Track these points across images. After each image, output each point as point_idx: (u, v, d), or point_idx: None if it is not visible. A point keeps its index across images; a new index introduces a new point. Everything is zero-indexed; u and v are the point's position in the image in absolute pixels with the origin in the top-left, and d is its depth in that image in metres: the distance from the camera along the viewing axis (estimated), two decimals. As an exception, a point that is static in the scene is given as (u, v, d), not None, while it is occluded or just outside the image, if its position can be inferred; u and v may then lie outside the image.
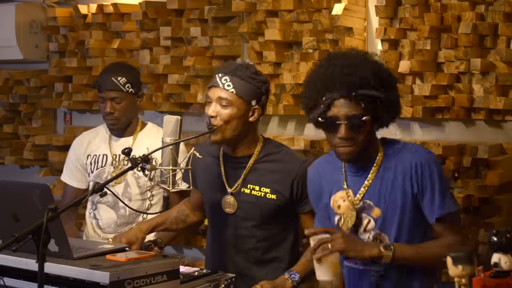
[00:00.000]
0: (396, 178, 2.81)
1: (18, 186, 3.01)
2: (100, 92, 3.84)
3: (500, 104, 3.58)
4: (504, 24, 3.59)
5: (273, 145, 3.30)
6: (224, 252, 3.31)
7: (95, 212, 3.97)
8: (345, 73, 2.73)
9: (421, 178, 2.78)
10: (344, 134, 2.74)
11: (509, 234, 2.19)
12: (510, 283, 2.16)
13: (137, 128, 3.97)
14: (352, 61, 2.78)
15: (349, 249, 2.70)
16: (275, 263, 3.28)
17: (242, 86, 3.14)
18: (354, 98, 2.72)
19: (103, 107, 3.86)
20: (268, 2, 4.19)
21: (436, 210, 2.78)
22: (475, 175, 3.66)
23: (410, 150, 2.84)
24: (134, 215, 3.87)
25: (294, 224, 3.34)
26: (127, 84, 3.83)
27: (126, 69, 3.94)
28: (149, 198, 3.91)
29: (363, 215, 2.86)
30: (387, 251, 2.72)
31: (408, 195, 2.80)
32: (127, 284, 2.62)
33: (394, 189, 2.81)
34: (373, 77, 2.73)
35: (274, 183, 3.21)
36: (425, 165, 2.78)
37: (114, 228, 3.90)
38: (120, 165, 3.90)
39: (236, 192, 3.25)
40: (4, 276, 2.83)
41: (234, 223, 3.27)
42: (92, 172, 3.95)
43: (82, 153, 4.00)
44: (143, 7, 4.75)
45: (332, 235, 2.70)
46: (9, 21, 5.27)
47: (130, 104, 3.88)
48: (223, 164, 3.30)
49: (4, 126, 5.57)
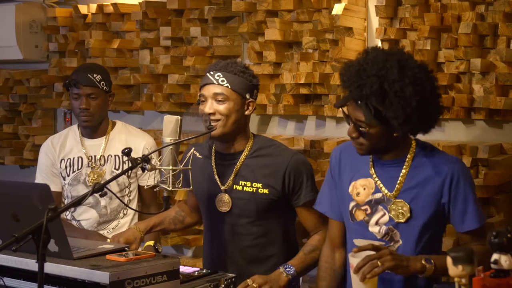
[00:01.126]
0: (427, 180, 2.81)
1: (18, 186, 3.01)
2: (76, 88, 3.89)
3: (500, 104, 3.58)
4: (504, 24, 3.59)
5: (263, 140, 3.31)
6: (221, 251, 3.31)
7: (74, 214, 3.99)
8: (357, 81, 2.72)
9: (455, 189, 2.79)
10: (350, 133, 2.80)
11: (509, 234, 2.19)
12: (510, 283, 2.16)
13: (108, 127, 4.02)
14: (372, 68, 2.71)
15: (398, 266, 2.64)
16: (273, 259, 3.27)
17: (236, 80, 3.16)
18: (359, 105, 2.74)
19: (78, 104, 3.91)
20: (268, 2, 4.19)
21: (470, 222, 2.80)
22: (475, 175, 3.66)
23: (448, 159, 2.84)
24: (115, 212, 3.96)
25: (290, 219, 3.34)
26: (102, 82, 3.93)
27: (99, 68, 4.06)
28: (128, 195, 3.96)
29: (379, 207, 2.87)
30: (429, 264, 2.69)
31: (433, 201, 2.81)
32: (127, 284, 2.62)
33: (422, 190, 2.81)
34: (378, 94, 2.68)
35: (265, 177, 3.21)
36: (461, 179, 2.79)
37: (96, 227, 3.96)
38: (96, 165, 3.95)
39: (229, 189, 3.25)
40: (4, 276, 2.83)
41: (229, 221, 3.27)
42: (68, 175, 3.98)
43: (56, 157, 4.04)
44: (143, 7, 4.75)
45: (379, 252, 2.63)
46: (9, 21, 5.27)
47: (103, 102, 3.96)
48: (214, 163, 3.30)
49: (4, 126, 5.57)
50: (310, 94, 4.18)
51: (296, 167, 3.21)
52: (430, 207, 2.82)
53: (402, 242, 2.84)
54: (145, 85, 4.88)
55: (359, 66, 2.74)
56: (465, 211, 2.80)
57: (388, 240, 2.86)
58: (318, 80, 4.06)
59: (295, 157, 3.23)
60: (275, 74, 4.28)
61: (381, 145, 2.81)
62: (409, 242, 2.84)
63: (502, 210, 3.61)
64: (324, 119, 4.23)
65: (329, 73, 4.03)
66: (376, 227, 2.87)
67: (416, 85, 2.70)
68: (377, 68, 2.71)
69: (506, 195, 3.64)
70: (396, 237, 2.85)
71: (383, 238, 2.86)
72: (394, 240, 2.85)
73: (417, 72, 2.72)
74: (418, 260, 2.69)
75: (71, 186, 3.98)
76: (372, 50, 2.82)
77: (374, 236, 2.88)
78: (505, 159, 3.62)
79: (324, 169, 4.06)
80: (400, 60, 2.74)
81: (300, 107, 4.20)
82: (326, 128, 4.23)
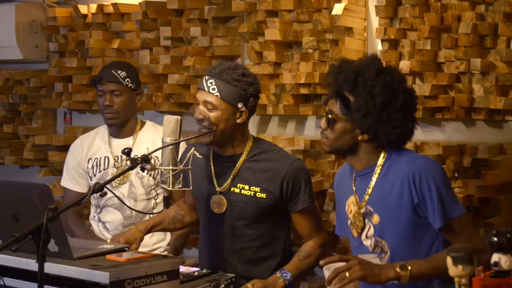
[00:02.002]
0: (393, 186, 2.81)
1: (18, 186, 3.01)
2: (100, 85, 3.85)
3: (500, 104, 3.58)
4: (504, 24, 3.59)
5: (263, 144, 3.29)
6: (216, 252, 3.31)
7: (100, 216, 3.96)
8: (336, 72, 2.87)
9: (419, 189, 2.77)
10: (321, 124, 2.90)
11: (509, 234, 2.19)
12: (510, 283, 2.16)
13: (136, 127, 3.96)
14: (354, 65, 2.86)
15: (367, 275, 2.64)
16: (267, 262, 3.28)
17: (227, 90, 3.12)
18: (335, 96, 2.85)
19: (102, 100, 3.85)
20: (268, 2, 4.19)
21: (438, 220, 2.77)
22: (475, 175, 3.66)
23: (408, 160, 2.83)
24: (140, 214, 3.87)
25: (286, 222, 3.34)
26: (127, 79, 3.86)
27: (126, 65, 3.98)
28: (154, 197, 3.91)
29: (366, 221, 2.88)
30: (404, 271, 2.67)
31: (406, 205, 2.80)
32: (127, 284, 2.62)
33: (391, 197, 2.82)
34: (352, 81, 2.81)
35: (264, 182, 3.21)
36: (422, 177, 2.77)
37: (121, 230, 3.89)
38: (122, 166, 3.90)
39: (225, 192, 3.25)
40: (4, 276, 2.83)
41: (224, 223, 3.27)
42: (95, 175, 3.93)
43: (84, 157, 3.98)
44: (143, 7, 4.75)
45: (348, 263, 2.64)
46: (9, 21, 5.27)
47: (129, 99, 3.88)
48: (213, 163, 3.30)
49: (4, 126, 5.57)
50: (310, 94, 4.18)
51: (295, 174, 3.20)
52: (402, 211, 2.80)
53: (390, 252, 2.83)
54: (145, 85, 4.88)
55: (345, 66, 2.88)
56: (433, 210, 2.77)
57: (379, 252, 2.86)
58: (318, 80, 4.06)
59: (295, 164, 3.22)
60: (275, 74, 4.27)
61: (343, 143, 2.86)
62: (398, 248, 2.82)
63: (502, 210, 3.61)
64: (324, 119, 4.22)
65: (329, 73, 4.03)
66: (368, 241, 2.88)
67: (387, 89, 2.79)
68: (359, 66, 2.86)
69: (506, 195, 3.64)
70: (385, 248, 2.84)
71: (375, 250, 2.86)
72: (384, 251, 2.85)
73: (396, 82, 2.82)
74: (392, 268, 2.67)
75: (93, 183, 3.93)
76: (366, 57, 2.94)
77: (367, 250, 2.88)
78: (505, 159, 3.63)
79: (324, 169, 4.06)
80: (386, 69, 2.87)
81: (300, 107, 4.20)
82: (326, 128, 4.23)
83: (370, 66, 2.84)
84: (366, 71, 2.82)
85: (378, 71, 2.82)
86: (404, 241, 2.82)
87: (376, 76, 2.80)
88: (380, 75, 2.81)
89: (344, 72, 2.83)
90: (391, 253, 2.84)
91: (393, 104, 2.79)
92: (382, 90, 2.79)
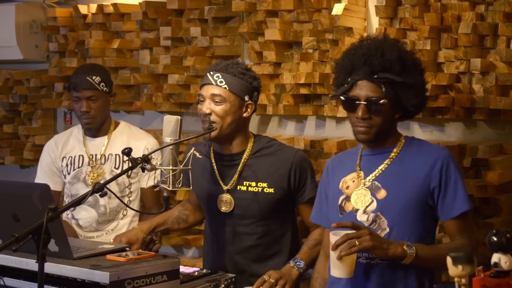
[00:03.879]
0: (413, 168, 2.85)
1: (18, 186, 3.01)
2: (76, 91, 3.89)
3: (500, 104, 3.58)
4: (504, 24, 3.59)
5: (264, 140, 3.32)
6: (224, 251, 3.31)
7: (73, 213, 4.00)
8: (369, 55, 2.83)
9: (445, 174, 2.82)
10: (361, 115, 2.82)
11: (509, 234, 2.19)
12: (510, 283, 2.16)
13: (110, 127, 4.02)
14: (379, 44, 2.87)
15: (376, 247, 2.67)
16: (276, 258, 3.29)
17: (234, 82, 3.17)
18: (376, 80, 2.81)
19: (79, 107, 3.92)
20: (268, 2, 4.19)
21: (461, 204, 2.81)
22: (475, 175, 3.66)
23: (435, 147, 2.92)
24: (114, 212, 3.95)
25: (291, 217, 3.35)
26: (102, 83, 3.92)
27: (99, 69, 4.04)
28: (128, 195, 3.95)
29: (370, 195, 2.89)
30: (410, 250, 2.71)
31: (421, 187, 2.83)
32: (127, 284, 2.62)
33: (408, 176, 2.84)
34: (397, 62, 2.82)
35: (271, 176, 3.22)
36: (450, 164, 2.84)
37: (95, 226, 3.96)
38: (97, 164, 3.95)
39: (232, 190, 3.26)
40: (4, 276, 2.83)
41: (232, 221, 3.27)
42: (69, 173, 3.99)
43: (58, 155, 4.04)
44: (143, 7, 4.75)
45: (359, 232, 2.66)
46: (9, 21, 5.27)
47: (104, 103, 3.96)
48: (215, 163, 3.30)
49: (4, 126, 5.57)
50: (310, 94, 4.18)
51: (301, 164, 3.24)
52: (413, 191, 2.83)
53: (388, 229, 2.84)
54: (145, 85, 4.88)
55: (365, 48, 2.87)
56: (455, 194, 2.82)
57: (376, 228, 2.86)
58: (318, 80, 4.06)
59: (298, 154, 3.26)
60: (275, 74, 4.27)
61: (387, 125, 2.87)
62: (395, 227, 2.83)
63: (502, 210, 3.61)
64: (324, 119, 4.23)
65: (329, 73, 4.03)
66: (364, 216, 2.89)
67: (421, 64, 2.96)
68: (383, 41, 2.90)
69: (506, 195, 3.64)
70: (383, 224, 2.86)
71: (371, 226, 2.87)
72: (382, 227, 2.86)
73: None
74: (400, 245, 2.71)
75: (70, 184, 3.99)
76: (362, 39, 2.99)
77: (362, 225, 2.86)
78: (505, 159, 3.62)
79: (324, 169, 4.06)
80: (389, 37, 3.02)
81: (300, 107, 4.20)
82: (326, 128, 4.23)
83: (397, 44, 2.90)
84: (405, 53, 2.87)
85: (411, 51, 2.93)
86: (405, 221, 2.84)
87: (413, 54, 2.91)
88: (413, 52, 2.94)
89: (379, 55, 2.82)
90: (389, 231, 2.84)
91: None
92: (421, 66, 2.92)
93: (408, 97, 2.85)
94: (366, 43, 2.91)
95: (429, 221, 2.89)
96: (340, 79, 2.94)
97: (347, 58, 2.91)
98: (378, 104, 2.81)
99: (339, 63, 2.96)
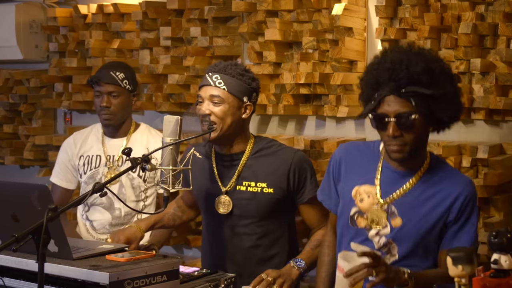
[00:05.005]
0: (435, 198, 2.75)
1: (18, 186, 3.01)
2: (98, 85, 3.85)
3: (500, 104, 3.58)
4: (504, 24, 3.59)
5: (264, 140, 3.32)
6: (222, 252, 3.31)
7: (88, 214, 3.97)
8: (393, 69, 2.66)
9: (463, 211, 2.73)
10: (392, 133, 2.66)
11: (509, 234, 2.19)
12: (510, 283, 2.17)
13: (130, 128, 3.98)
14: (403, 56, 2.69)
15: (389, 280, 2.55)
16: (276, 259, 3.29)
17: (233, 83, 3.17)
18: (404, 95, 2.64)
19: (99, 101, 3.87)
20: (268, 2, 4.19)
21: (463, 242, 2.72)
22: (475, 175, 3.66)
23: (458, 176, 2.78)
24: (129, 216, 3.89)
25: (290, 217, 3.35)
26: (125, 80, 3.87)
27: (124, 66, 3.99)
28: (143, 200, 3.92)
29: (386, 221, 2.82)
30: (411, 280, 2.61)
31: (438, 220, 2.75)
32: (126, 284, 2.62)
33: (427, 207, 2.75)
34: (424, 74, 2.64)
35: (270, 176, 3.22)
36: (470, 200, 2.74)
37: (108, 229, 3.92)
38: (114, 166, 3.91)
39: (230, 191, 3.26)
40: (4, 276, 2.83)
41: (231, 222, 3.27)
42: (85, 173, 3.95)
43: (75, 154, 4.00)
44: (143, 7, 4.75)
45: (376, 261, 2.52)
46: (9, 21, 5.27)
47: (126, 101, 3.90)
48: (215, 164, 3.30)
49: (4, 126, 5.57)
50: (310, 94, 4.18)
51: (300, 164, 3.24)
52: (429, 226, 2.75)
53: (398, 256, 2.80)
54: (145, 85, 4.88)
55: (388, 61, 2.68)
56: (463, 229, 2.74)
57: (385, 251, 2.81)
58: (318, 80, 4.06)
59: (298, 155, 3.26)
60: (275, 74, 4.27)
61: (420, 143, 2.71)
62: (405, 259, 2.78)
63: (502, 210, 3.61)
64: (324, 119, 4.22)
65: (329, 73, 4.03)
66: (376, 237, 2.82)
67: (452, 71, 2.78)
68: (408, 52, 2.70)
69: (506, 195, 3.64)
70: (393, 250, 2.80)
71: (381, 249, 2.81)
72: (392, 253, 2.81)
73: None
74: (402, 273, 2.62)
75: (86, 184, 3.95)
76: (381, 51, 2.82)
77: (372, 245, 2.83)
78: (505, 159, 3.62)
79: (324, 169, 4.04)
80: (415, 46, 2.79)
81: (300, 107, 4.20)
82: (326, 128, 4.23)
83: (424, 54, 2.71)
84: (432, 62, 2.68)
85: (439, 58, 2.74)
86: (416, 254, 2.78)
87: (443, 63, 2.72)
88: (440, 59, 2.74)
89: (404, 67, 2.63)
90: (398, 259, 2.79)
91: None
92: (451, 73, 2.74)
93: (441, 109, 2.67)
94: (389, 55, 2.72)
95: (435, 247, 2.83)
96: (366, 95, 2.75)
97: (371, 73, 2.73)
98: (409, 120, 2.63)
99: (363, 79, 2.78)
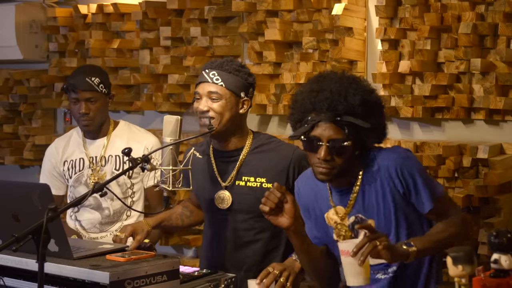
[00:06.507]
0: (379, 189, 2.82)
1: (18, 186, 3.01)
2: (74, 93, 3.86)
3: (500, 104, 3.58)
4: (504, 24, 3.59)
5: (263, 137, 3.34)
6: (222, 247, 3.31)
7: (77, 215, 3.98)
8: (332, 99, 2.74)
9: (403, 180, 2.78)
10: (323, 156, 2.74)
11: (509, 234, 2.19)
12: (510, 283, 2.17)
13: (109, 128, 3.99)
14: (341, 87, 2.77)
15: (391, 247, 2.59)
16: (274, 253, 3.29)
17: (230, 79, 3.18)
18: (339, 122, 2.74)
19: (77, 108, 3.87)
20: (268, 2, 4.19)
21: (427, 204, 2.79)
22: (475, 175, 3.66)
23: (384, 158, 2.83)
24: (118, 213, 3.92)
25: None
26: (101, 84, 3.87)
27: (98, 70, 3.99)
28: (131, 196, 3.93)
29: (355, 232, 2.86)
30: (411, 247, 2.67)
31: (396, 199, 2.81)
32: (127, 284, 2.62)
33: (381, 199, 2.82)
34: (361, 106, 2.74)
35: (269, 172, 3.23)
36: (403, 168, 2.79)
37: (99, 228, 3.94)
38: (97, 167, 3.93)
39: (230, 186, 3.27)
40: (4, 276, 2.83)
41: (230, 217, 3.28)
42: (71, 177, 3.97)
43: (59, 160, 4.02)
44: (143, 7, 4.76)
45: (376, 233, 2.59)
46: (9, 21, 5.27)
47: (103, 105, 3.91)
48: (214, 160, 3.31)
49: (4, 126, 5.57)
50: (310, 94, 4.17)
51: (299, 161, 3.24)
52: (392, 206, 2.81)
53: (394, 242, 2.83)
54: (145, 85, 4.88)
55: (327, 92, 2.75)
56: (419, 195, 2.79)
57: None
58: (318, 80, 4.06)
59: (297, 152, 3.27)
60: (275, 74, 4.28)
61: (350, 164, 2.80)
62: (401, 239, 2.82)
63: (502, 210, 3.61)
64: (324, 119, 4.22)
65: (329, 73, 4.02)
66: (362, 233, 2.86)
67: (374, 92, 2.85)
68: (346, 83, 2.78)
69: (506, 195, 3.64)
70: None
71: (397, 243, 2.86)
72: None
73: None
74: (400, 246, 2.67)
75: (73, 187, 3.97)
76: (316, 76, 2.90)
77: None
78: (505, 159, 3.62)
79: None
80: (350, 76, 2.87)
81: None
82: (326, 128, 4.23)
83: (360, 85, 2.80)
84: (367, 94, 2.78)
85: (358, 81, 2.83)
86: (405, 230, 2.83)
87: (375, 94, 2.83)
88: (374, 91, 2.85)
89: (343, 99, 2.73)
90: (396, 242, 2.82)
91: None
92: (376, 95, 2.84)
93: (370, 138, 2.79)
94: (328, 84, 2.79)
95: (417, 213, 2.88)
96: (298, 116, 2.83)
97: (308, 100, 2.80)
98: (341, 146, 2.75)
99: (298, 101, 2.84)
